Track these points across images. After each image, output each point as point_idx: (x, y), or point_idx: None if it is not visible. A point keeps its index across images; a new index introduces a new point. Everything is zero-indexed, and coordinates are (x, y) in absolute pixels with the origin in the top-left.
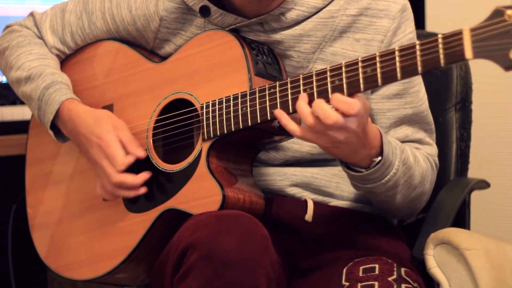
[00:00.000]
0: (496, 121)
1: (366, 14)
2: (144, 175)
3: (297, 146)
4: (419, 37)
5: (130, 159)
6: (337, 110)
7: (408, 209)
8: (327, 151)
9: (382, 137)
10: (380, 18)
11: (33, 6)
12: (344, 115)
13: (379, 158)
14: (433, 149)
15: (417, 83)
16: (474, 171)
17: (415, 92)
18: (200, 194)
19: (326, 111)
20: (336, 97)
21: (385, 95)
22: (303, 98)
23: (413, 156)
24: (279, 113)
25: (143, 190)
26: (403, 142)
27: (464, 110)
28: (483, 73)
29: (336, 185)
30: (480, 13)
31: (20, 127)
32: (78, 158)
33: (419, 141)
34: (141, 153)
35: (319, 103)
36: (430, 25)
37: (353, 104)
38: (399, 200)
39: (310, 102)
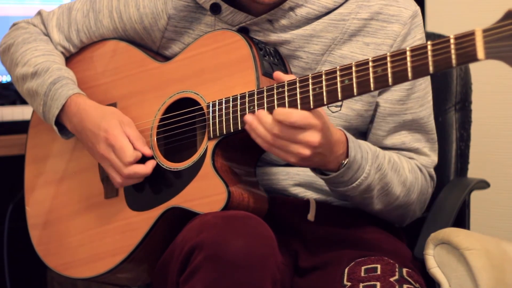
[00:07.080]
0: (496, 121)
1: (377, 18)
2: (152, 163)
3: None
4: None
5: (137, 154)
6: (279, 122)
7: (396, 217)
8: (298, 165)
9: (348, 141)
10: (391, 23)
11: (33, 6)
12: (284, 124)
13: (346, 161)
14: (429, 160)
15: (420, 89)
16: (474, 171)
17: (416, 98)
18: (205, 193)
19: (261, 117)
20: (277, 111)
21: (388, 99)
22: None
23: (393, 164)
24: (249, 126)
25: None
26: (398, 149)
27: (464, 110)
28: (483, 73)
29: None
30: (480, 13)
31: (20, 127)
32: (78, 156)
33: (415, 151)
34: (147, 151)
35: (258, 113)
36: (430, 25)
37: (291, 113)
38: (379, 206)
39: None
